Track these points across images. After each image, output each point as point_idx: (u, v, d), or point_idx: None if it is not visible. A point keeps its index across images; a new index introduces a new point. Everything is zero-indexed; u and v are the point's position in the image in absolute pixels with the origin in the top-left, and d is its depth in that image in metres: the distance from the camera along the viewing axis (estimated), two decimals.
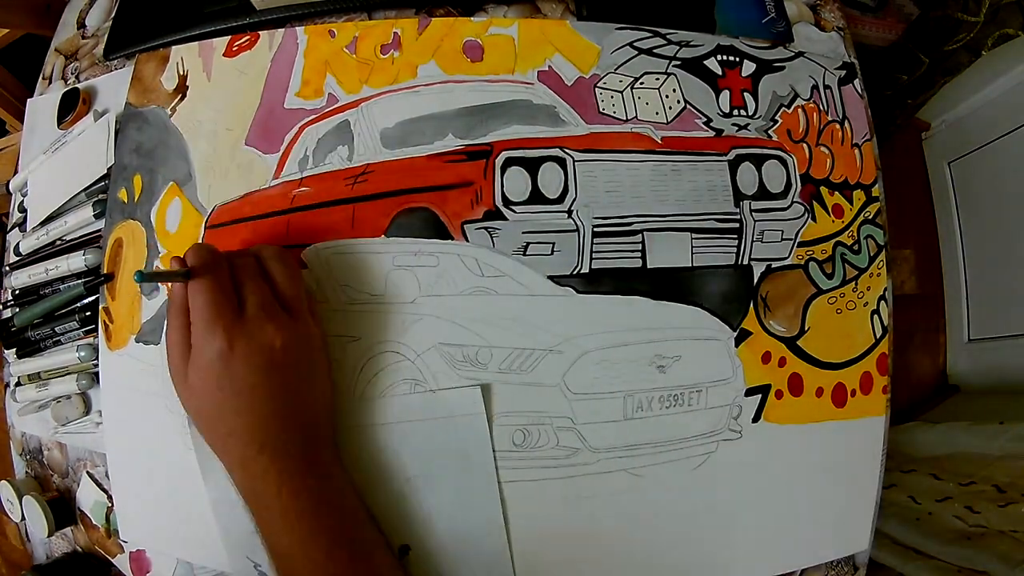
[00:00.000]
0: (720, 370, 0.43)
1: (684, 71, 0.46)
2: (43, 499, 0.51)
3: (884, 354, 0.47)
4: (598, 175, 0.43)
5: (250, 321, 0.34)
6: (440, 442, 0.40)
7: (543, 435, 0.41)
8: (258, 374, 0.34)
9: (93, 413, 0.49)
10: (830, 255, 0.46)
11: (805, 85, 0.48)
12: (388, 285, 0.42)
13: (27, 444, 0.55)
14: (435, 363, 0.41)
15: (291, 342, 0.35)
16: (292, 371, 0.36)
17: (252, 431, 0.34)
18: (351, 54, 0.45)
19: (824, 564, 0.46)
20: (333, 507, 0.36)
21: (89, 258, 0.49)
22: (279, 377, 0.35)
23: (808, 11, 0.52)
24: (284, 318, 0.36)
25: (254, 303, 0.35)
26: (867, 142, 0.49)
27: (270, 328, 0.35)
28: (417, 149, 0.43)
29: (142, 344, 0.46)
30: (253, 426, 0.34)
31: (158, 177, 0.48)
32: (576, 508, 0.42)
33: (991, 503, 0.80)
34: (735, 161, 0.45)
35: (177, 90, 0.49)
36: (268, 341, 0.34)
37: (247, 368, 0.34)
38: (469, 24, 0.45)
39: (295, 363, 0.36)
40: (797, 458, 0.45)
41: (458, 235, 0.42)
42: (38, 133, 0.57)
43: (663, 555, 0.43)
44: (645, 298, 0.43)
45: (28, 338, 0.52)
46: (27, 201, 0.55)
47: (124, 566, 0.49)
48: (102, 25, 0.58)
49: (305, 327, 0.37)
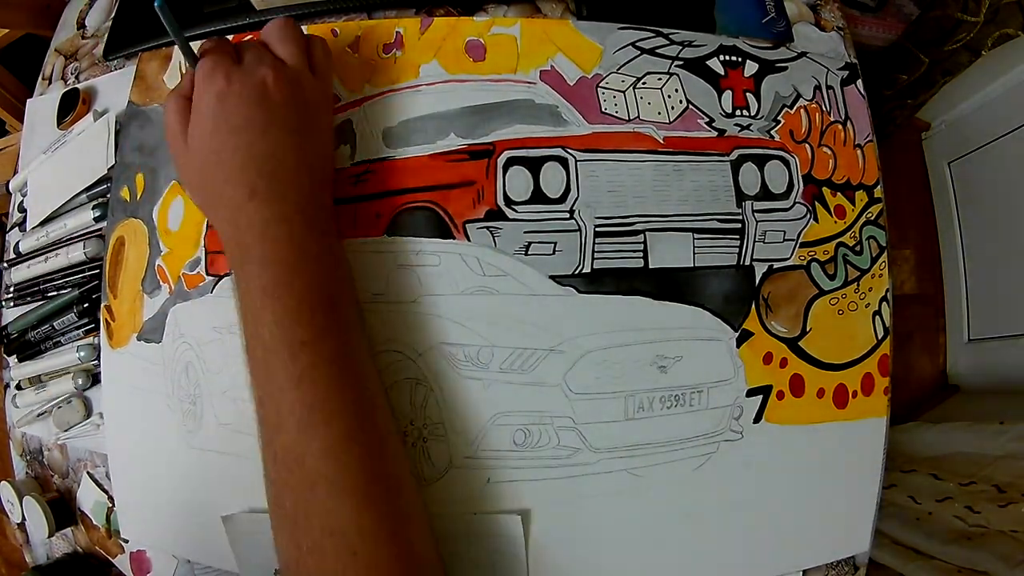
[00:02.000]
0: (721, 371, 0.43)
1: (687, 71, 0.46)
2: (43, 500, 0.51)
3: (885, 355, 0.47)
4: (600, 175, 0.43)
5: (246, 64, 0.36)
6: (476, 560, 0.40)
7: (544, 435, 0.41)
8: (251, 106, 0.35)
9: (94, 416, 0.49)
10: (832, 256, 0.46)
11: (808, 85, 0.48)
12: (389, 284, 0.42)
13: (27, 445, 0.55)
14: (436, 362, 0.41)
15: (283, 80, 0.36)
16: (286, 109, 0.36)
17: (246, 171, 0.34)
18: (353, 53, 0.45)
19: (824, 564, 0.46)
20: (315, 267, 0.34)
21: (89, 249, 0.49)
22: (273, 112, 0.35)
23: (808, 11, 0.52)
24: (278, 63, 0.37)
25: (251, 54, 0.37)
26: (869, 143, 0.49)
27: (264, 68, 0.36)
28: (419, 148, 0.43)
29: (143, 342, 0.46)
30: (247, 165, 0.34)
31: (160, 176, 0.47)
32: (576, 508, 0.42)
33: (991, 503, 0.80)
34: (737, 161, 0.45)
35: None
36: (261, 77, 0.35)
37: (241, 101, 0.35)
38: (471, 24, 0.45)
39: (291, 104, 0.36)
40: (798, 459, 0.45)
41: (460, 234, 0.42)
42: (38, 133, 0.57)
43: (664, 556, 0.43)
44: (647, 298, 0.43)
45: (28, 340, 0.52)
46: (27, 201, 0.55)
47: (124, 566, 0.49)
48: (102, 25, 0.58)
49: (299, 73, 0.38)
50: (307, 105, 0.38)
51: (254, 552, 0.42)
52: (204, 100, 0.35)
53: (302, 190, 0.36)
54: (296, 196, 0.35)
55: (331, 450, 0.32)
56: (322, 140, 0.39)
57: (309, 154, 0.37)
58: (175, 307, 0.45)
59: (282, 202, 0.34)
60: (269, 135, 0.35)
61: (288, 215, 0.34)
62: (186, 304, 0.45)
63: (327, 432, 0.32)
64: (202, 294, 0.44)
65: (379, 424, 0.35)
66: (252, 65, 0.36)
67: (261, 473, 0.36)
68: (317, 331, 0.33)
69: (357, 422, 0.33)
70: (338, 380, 0.33)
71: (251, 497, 0.42)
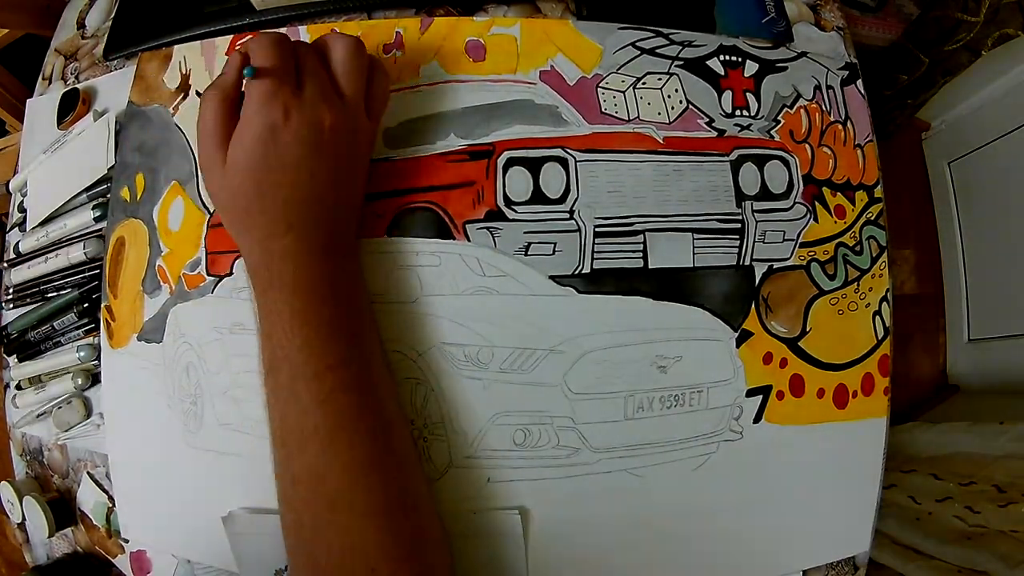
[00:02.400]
0: (721, 371, 0.43)
1: (687, 71, 0.46)
2: (43, 500, 0.51)
3: (886, 355, 0.47)
4: (600, 175, 0.43)
5: (307, 99, 0.34)
6: (476, 559, 0.41)
7: (544, 435, 0.41)
8: (306, 148, 0.34)
9: (94, 416, 0.49)
10: (832, 256, 0.46)
11: (808, 85, 0.48)
12: (389, 284, 0.42)
13: (27, 445, 0.55)
14: (436, 362, 0.41)
15: (341, 125, 0.35)
16: (337, 155, 0.36)
17: (286, 208, 0.34)
18: None
19: (824, 564, 0.46)
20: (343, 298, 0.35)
21: (89, 250, 0.49)
22: (325, 156, 0.35)
23: (808, 11, 0.52)
24: (339, 103, 0.36)
25: (313, 86, 0.35)
26: (869, 143, 0.49)
27: (324, 108, 0.34)
28: (419, 149, 0.43)
29: (144, 343, 0.46)
30: (289, 203, 0.34)
31: (160, 176, 0.47)
32: (576, 508, 0.42)
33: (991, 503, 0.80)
34: (737, 161, 0.45)
35: (180, 89, 0.49)
36: (320, 119, 0.34)
37: (297, 141, 0.34)
38: (471, 24, 0.45)
39: (343, 147, 0.36)
40: (798, 459, 0.45)
41: (460, 235, 0.42)
42: (38, 133, 0.57)
43: (663, 556, 0.43)
44: (646, 298, 0.43)
45: (28, 340, 0.52)
46: (27, 201, 0.55)
47: (125, 566, 0.49)
48: (102, 25, 0.58)
49: (356, 116, 0.37)
50: (357, 147, 0.38)
51: (253, 551, 0.42)
52: (255, 126, 0.34)
53: (338, 225, 0.37)
54: (331, 229, 0.36)
55: (352, 471, 0.33)
56: (361, 178, 0.39)
57: (347, 192, 0.38)
58: (176, 307, 0.45)
59: (317, 236, 0.35)
60: (317, 178, 0.35)
61: (322, 247, 0.35)
62: (187, 304, 0.45)
63: (349, 454, 0.33)
64: (203, 294, 0.44)
65: (398, 446, 0.36)
66: (314, 100, 0.34)
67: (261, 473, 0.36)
68: (343, 356, 0.34)
69: (378, 445, 0.34)
70: (360, 404, 0.34)
71: (251, 497, 0.42)
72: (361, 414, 0.34)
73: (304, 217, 0.35)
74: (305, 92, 0.35)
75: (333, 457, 0.33)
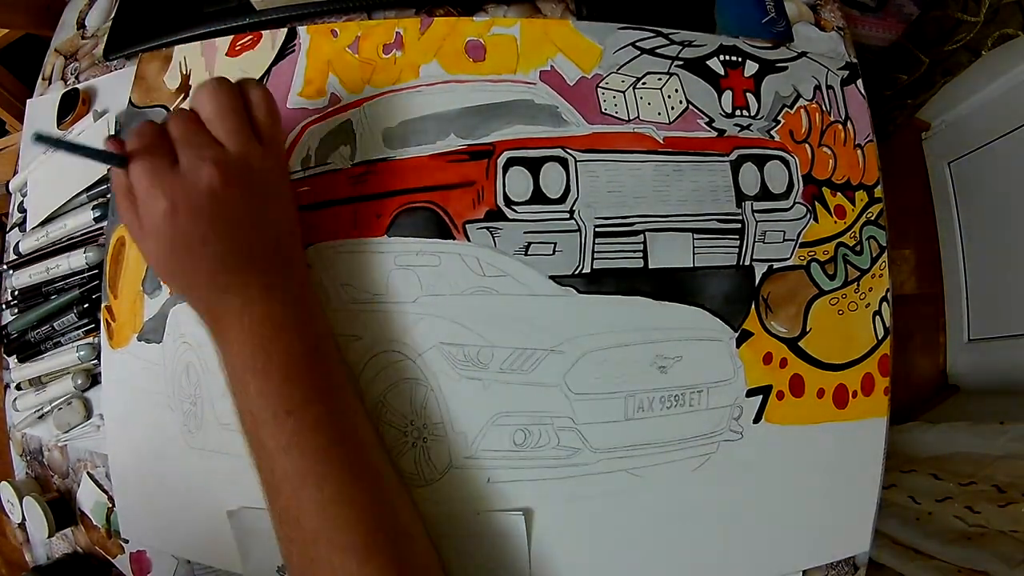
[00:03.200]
0: (721, 371, 0.43)
1: (687, 71, 0.46)
2: (43, 500, 0.51)
3: (886, 355, 0.47)
4: (600, 175, 0.43)
5: (187, 172, 0.33)
6: (479, 559, 0.41)
7: (544, 435, 0.41)
8: (205, 219, 0.33)
9: (94, 417, 0.49)
10: (832, 256, 0.46)
11: (808, 85, 0.48)
12: (389, 284, 0.42)
13: (27, 445, 0.55)
14: (436, 363, 0.41)
15: (231, 175, 0.34)
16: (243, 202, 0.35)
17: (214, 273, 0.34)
18: (353, 54, 0.45)
19: (824, 564, 0.46)
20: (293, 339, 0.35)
21: (90, 256, 0.49)
22: (229, 213, 0.34)
23: (808, 11, 0.52)
24: (216, 151, 0.34)
25: (187, 155, 0.34)
26: (869, 143, 0.49)
27: (204, 171, 0.33)
28: (419, 149, 0.43)
29: (144, 343, 0.46)
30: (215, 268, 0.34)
31: None
32: (576, 508, 0.42)
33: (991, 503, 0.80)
34: (737, 161, 0.45)
35: (180, 89, 0.49)
36: (207, 182, 0.33)
37: (192, 216, 0.33)
38: (471, 24, 0.45)
39: (245, 192, 0.35)
40: (798, 459, 0.45)
41: (460, 235, 0.42)
42: None
43: (663, 556, 0.43)
44: (646, 298, 0.43)
45: (28, 340, 0.52)
46: (27, 201, 0.55)
47: (125, 566, 0.49)
48: (102, 25, 0.58)
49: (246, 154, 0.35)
50: (265, 184, 0.36)
51: (258, 547, 0.42)
52: (151, 221, 0.33)
53: (273, 269, 0.36)
54: (268, 277, 0.35)
55: (326, 511, 0.33)
56: (285, 209, 0.38)
57: (275, 231, 0.37)
58: (175, 307, 0.45)
59: (255, 286, 0.35)
60: (235, 236, 0.34)
61: (262, 296, 0.35)
62: (186, 305, 0.45)
63: (319, 495, 0.33)
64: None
65: (372, 480, 0.35)
66: (193, 168, 0.33)
67: None
68: (301, 399, 0.34)
69: (349, 482, 0.34)
70: (326, 444, 0.34)
71: (251, 497, 0.42)
72: (327, 455, 0.33)
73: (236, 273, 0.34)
74: (182, 160, 0.34)
75: (306, 499, 0.33)
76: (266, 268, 0.35)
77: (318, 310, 0.38)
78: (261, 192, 0.36)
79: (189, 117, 0.35)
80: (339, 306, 0.41)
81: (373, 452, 0.37)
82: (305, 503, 0.33)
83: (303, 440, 0.33)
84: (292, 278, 0.37)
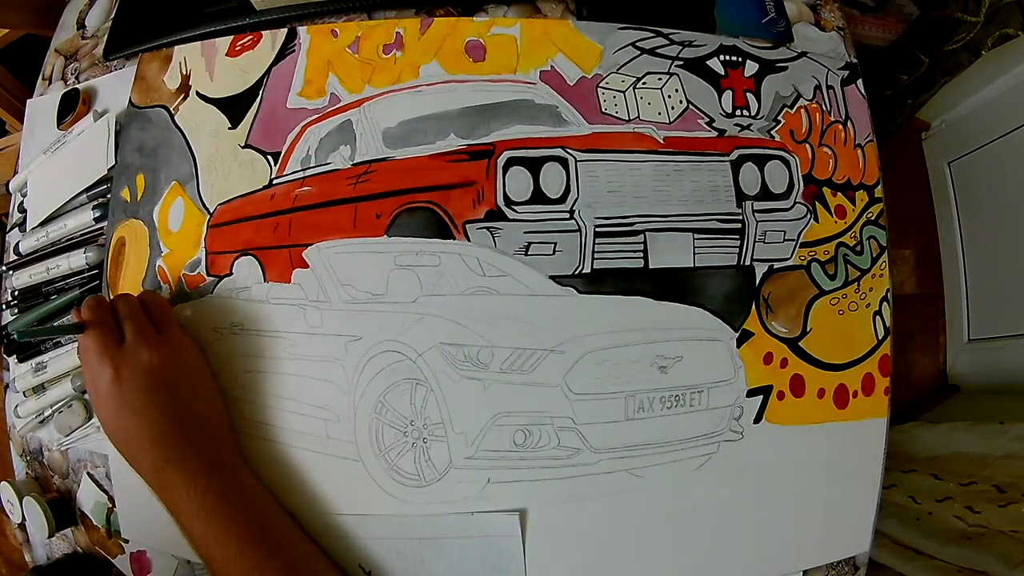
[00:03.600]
0: (722, 371, 0.43)
1: (687, 71, 0.46)
2: (43, 500, 0.51)
3: (886, 355, 0.47)
4: (600, 175, 0.43)
5: (129, 349, 0.39)
6: (475, 560, 0.41)
7: (544, 435, 0.41)
8: (144, 391, 0.39)
9: (95, 419, 0.49)
10: (832, 256, 0.46)
11: (808, 85, 0.48)
12: (389, 284, 0.42)
13: (27, 445, 0.55)
14: (436, 363, 0.41)
15: (166, 358, 0.40)
16: (174, 383, 0.40)
17: (156, 446, 0.38)
18: (353, 54, 0.45)
19: (824, 564, 0.46)
20: (244, 504, 0.39)
21: (90, 256, 0.49)
22: (164, 390, 0.39)
23: (808, 11, 0.52)
24: (156, 339, 0.40)
25: (131, 332, 0.40)
26: (869, 143, 0.49)
27: (144, 351, 0.39)
28: (419, 149, 0.43)
29: None
30: (156, 441, 0.38)
31: (161, 176, 0.47)
32: (577, 508, 0.42)
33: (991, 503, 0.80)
34: (737, 161, 0.45)
35: (180, 89, 0.49)
36: (145, 362, 0.39)
37: (134, 389, 0.38)
38: (471, 24, 0.45)
39: (175, 375, 0.40)
40: (798, 459, 0.45)
41: (460, 235, 0.42)
42: (38, 133, 0.57)
43: (664, 556, 0.43)
44: (647, 298, 0.43)
45: (28, 340, 0.52)
46: (27, 201, 0.55)
47: (125, 567, 0.49)
48: (102, 26, 0.58)
49: (176, 342, 0.41)
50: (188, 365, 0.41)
51: None
52: (101, 387, 0.39)
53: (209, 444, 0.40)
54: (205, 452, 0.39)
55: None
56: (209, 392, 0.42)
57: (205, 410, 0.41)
58: (176, 307, 0.45)
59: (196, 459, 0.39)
60: (169, 411, 0.39)
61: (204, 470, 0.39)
62: (187, 305, 0.45)
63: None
64: (202, 295, 0.44)
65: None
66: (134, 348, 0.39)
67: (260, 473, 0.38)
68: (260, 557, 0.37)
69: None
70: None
71: None
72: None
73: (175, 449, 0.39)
74: (126, 341, 0.39)
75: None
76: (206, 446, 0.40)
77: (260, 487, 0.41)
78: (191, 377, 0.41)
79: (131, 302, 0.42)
80: (339, 306, 0.41)
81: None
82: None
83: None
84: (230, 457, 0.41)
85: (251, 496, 0.40)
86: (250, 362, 0.43)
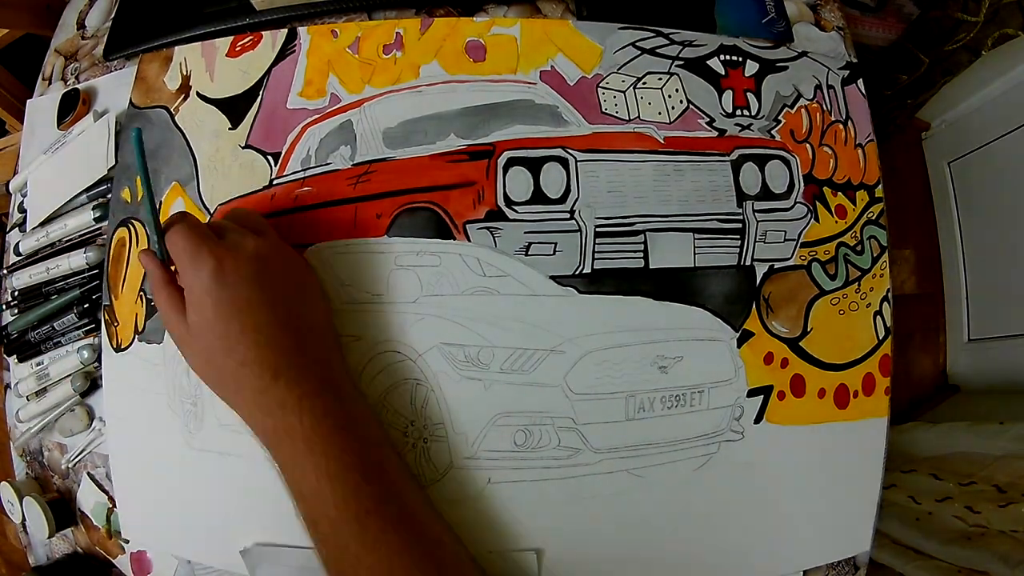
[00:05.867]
0: (722, 371, 0.43)
1: (687, 71, 0.46)
2: (43, 500, 0.51)
3: (887, 355, 0.47)
4: (600, 175, 0.43)
5: (230, 240, 0.35)
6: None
7: (544, 435, 0.41)
8: (252, 284, 0.34)
9: (96, 421, 0.49)
10: (833, 256, 0.46)
11: (808, 85, 0.48)
12: (390, 285, 0.42)
13: (27, 445, 0.55)
14: (437, 363, 0.41)
15: (273, 252, 0.36)
16: (282, 279, 0.36)
17: (264, 355, 0.33)
18: (353, 54, 0.45)
19: (824, 564, 0.46)
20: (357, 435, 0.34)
21: (90, 256, 0.49)
22: (272, 284, 0.35)
23: (808, 11, 0.52)
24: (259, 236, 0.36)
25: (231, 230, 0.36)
26: (870, 142, 0.49)
27: (250, 241, 0.35)
28: (419, 149, 0.43)
29: (145, 343, 0.46)
30: (263, 347, 0.33)
31: (161, 177, 0.47)
32: (577, 508, 0.41)
33: (991, 503, 0.80)
34: (738, 161, 0.45)
35: (180, 90, 0.49)
36: (252, 251, 0.35)
37: (240, 280, 0.34)
38: (472, 24, 0.45)
39: (283, 271, 0.36)
40: (798, 459, 0.45)
41: (460, 235, 0.42)
42: (38, 133, 0.57)
43: (664, 556, 0.43)
44: (647, 298, 0.43)
45: (28, 340, 0.52)
46: (27, 201, 0.55)
47: (125, 567, 0.49)
48: (102, 26, 0.58)
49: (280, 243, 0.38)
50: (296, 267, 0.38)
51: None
52: (199, 285, 0.34)
53: (322, 359, 0.36)
54: (320, 367, 0.35)
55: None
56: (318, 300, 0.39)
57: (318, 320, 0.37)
58: None
59: (310, 377, 0.34)
60: (277, 308, 0.34)
61: (318, 390, 0.34)
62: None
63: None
64: None
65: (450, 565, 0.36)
66: (236, 238, 0.35)
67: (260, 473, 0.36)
68: (378, 498, 0.33)
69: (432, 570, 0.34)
70: (407, 539, 0.34)
71: (250, 496, 0.42)
72: (411, 548, 0.33)
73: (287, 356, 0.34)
74: (226, 237, 0.35)
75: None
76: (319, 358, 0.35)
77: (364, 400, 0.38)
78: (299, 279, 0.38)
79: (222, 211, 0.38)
80: (339, 306, 0.41)
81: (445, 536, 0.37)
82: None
83: (387, 537, 0.33)
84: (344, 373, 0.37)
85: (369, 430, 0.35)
86: None
